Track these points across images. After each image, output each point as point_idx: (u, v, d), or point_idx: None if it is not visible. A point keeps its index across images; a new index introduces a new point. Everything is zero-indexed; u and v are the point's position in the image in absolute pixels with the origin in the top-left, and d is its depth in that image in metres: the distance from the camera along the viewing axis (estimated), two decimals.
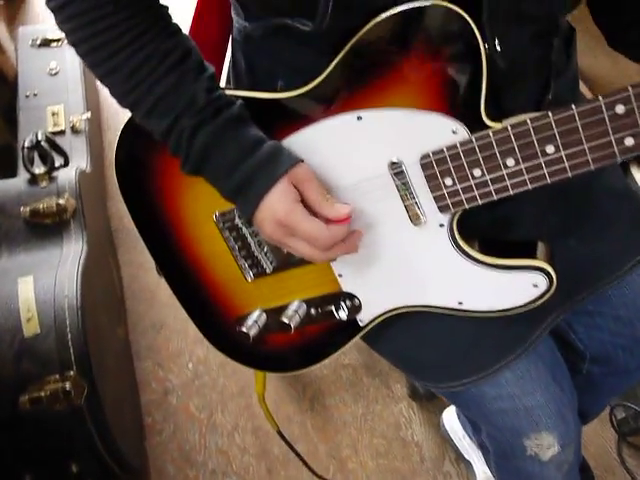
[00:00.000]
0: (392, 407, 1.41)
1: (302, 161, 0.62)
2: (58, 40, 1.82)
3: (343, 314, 0.73)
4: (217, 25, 0.86)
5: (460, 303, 0.68)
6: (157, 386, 1.45)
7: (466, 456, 1.29)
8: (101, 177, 1.73)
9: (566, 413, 0.78)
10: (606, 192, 0.80)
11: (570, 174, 0.56)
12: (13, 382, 0.99)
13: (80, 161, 1.50)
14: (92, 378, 1.02)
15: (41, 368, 1.00)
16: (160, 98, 0.62)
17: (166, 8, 0.66)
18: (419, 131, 0.59)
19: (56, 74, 1.75)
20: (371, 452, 1.35)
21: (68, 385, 0.99)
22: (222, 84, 0.74)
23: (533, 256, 0.64)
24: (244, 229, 0.72)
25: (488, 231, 0.69)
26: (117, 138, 0.73)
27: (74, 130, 1.58)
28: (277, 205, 0.61)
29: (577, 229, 0.78)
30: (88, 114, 1.62)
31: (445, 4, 0.53)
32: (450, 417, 1.32)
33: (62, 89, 1.70)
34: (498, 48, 0.59)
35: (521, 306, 0.66)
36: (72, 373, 1.01)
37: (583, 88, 0.85)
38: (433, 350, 0.76)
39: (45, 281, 1.10)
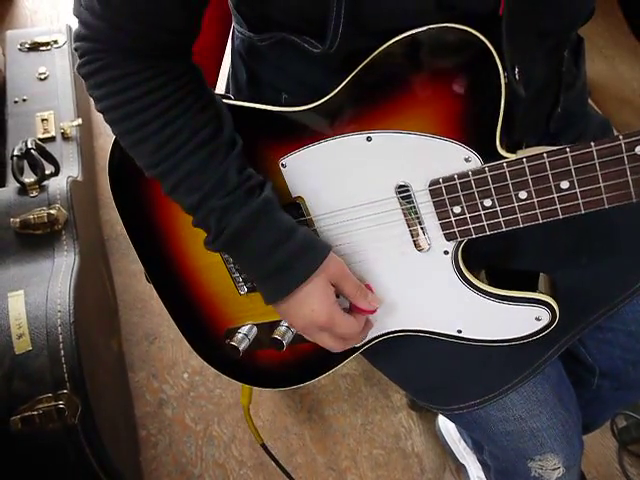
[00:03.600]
0: (391, 417, 1.39)
1: (331, 248, 0.63)
2: (47, 44, 1.79)
3: None
4: (214, 32, 0.83)
5: (459, 331, 0.67)
6: (152, 398, 1.42)
7: (461, 460, 1.27)
8: (93, 184, 1.70)
9: (572, 435, 0.77)
10: (616, 208, 0.79)
11: (583, 211, 0.55)
12: (4, 402, 0.96)
13: (71, 169, 1.47)
14: (86, 395, 1.00)
15: (33, 387, 0.97)
16: (188, 175, 0.60)
17: (201, 72, 0.64)
18: (430, 156, 0.57)
19: (45, 79, 1.71)
20: (370, 463, 1.33)
21: (62, 404, 0.97)
22: (219, 91, 0.71)
23: (535, 289, 0.63)
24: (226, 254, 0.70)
25: (492, 259, 0.67)
26: (110, 145, 0.70)
27: (65, 137, 1.55)
28: (318, 308, 0.61)
29: (588, 247, 0.77)
30: (79, 120, 1.59)
31: (464, 28, 0.51)
32: (446, 420, 1.31)
33: (52, 94, 1.66)
34: (517, 77, 0.57)
35: (522, 338, 0.65)
36: (66, 391, 0.98)
37: None
38: (438, 372, 0.75)
39: (36, 296, 1.07)
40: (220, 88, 0.87)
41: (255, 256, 0.62)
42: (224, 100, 0.64)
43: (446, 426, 1.31)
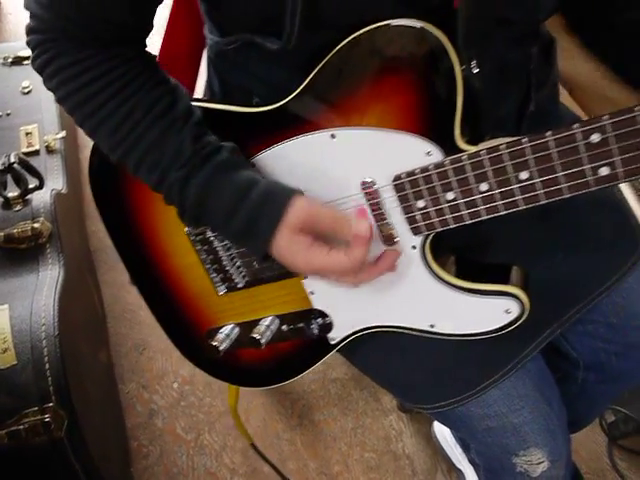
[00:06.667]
0: (382, 420, 1.39)
1: (299, 193, 0.60)
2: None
3: (314, 332, 0.72)
4: (189, 40, 0.84)
5: (432, 326, 0.67)
6: (142, 409, 1.42)
7: (457, 465, 1.27)
8: (79, 196, 1.70)
9: (555, 429, 0.77)
10: (589, 203, 0.79)
11: (544, 201, 0.55)
12: None
13: (56, 182, 1.47)
14: (72, 408, 0.99)
15: (19, 401, 0.97)
16: (146, 152, 0.61)
17: (153, 57, 0.64)
18: (393, 152, 0.58)
19: (29, 93, 1.71)
20: (362, 467, 1.33)
21: (48, 417, 0.97)
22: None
23: (507, 281, 0.63)
24: (216, 242, 0.72)
25: (464, 252, 0.68)
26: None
27: (49, 150, 1.55)
28: (292, 259, 0.60)
29: (564, 242, 0.77)
30: (63, 133, 1.59)
31: (418, 23, 0.52)
32: (442, 426, 1.31)
33: (35, 108, 1.66)
34: (475, 70, 0.57)
35: (493, 331, 0.65)
36: (51, 405, 0.98)
37: (563, 92, 0.84)
38: (417, 370, 0.75)
39: (21, 310, 1.07)
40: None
41: (222, 220, 0.61)
42: (195, 102, 0.65)
43: (442, 430, 1.31)
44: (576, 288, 0.78)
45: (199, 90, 0.87)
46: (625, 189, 1.35)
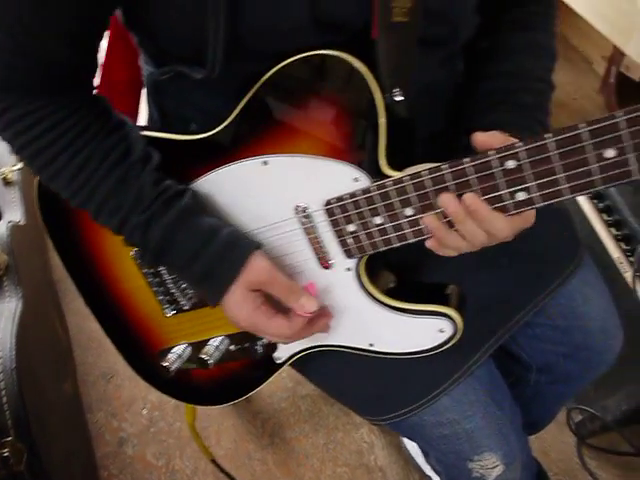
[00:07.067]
0: (353, 434, 1.40)
1: (258, 246, 0.62)
2: None
3: (260, 352, 0.73)
4: (128, 71, 0.85)
5: (371, 345, 0.68)
6: (111, 437, 1.40)
7: (427, 472, 1.28)
8: (38, 227, 1.68)
9: (507, 432, 0.78)
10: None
11: None
12: None
13: (14, 214, 1.46)
14: (32, 441, 0.98)
15: None
16: (106, 198, 0.61)
17: (105, 101, 0.65)
18: (323, 178, 0.59)
19: None
20: None
21: (6, 452, 0.95)
22: None
23: (441, 301, 0.64)
24: (160, 266, 0.72)
25: (405, 272, 0.69)
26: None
27: (6, 182, 1.54)
28: (238, 315, 0.62)
29: (507, 250, 0.79)
30: (20, 164, 1.58)
31: (338, 53, 0.54)
32: None
33: None
34: (399, 98, 0.58)
35: (428, 350, 0.66)
36: (10, 439, 0.96)
37: None
38: (368, 383, 0.76)
39: None
40: None
41: (182, 264, 0.62)
42: None
43: (411, 441, 1.32)
44: (521, 293, 0.79)
45: (142, 118, 0.88)
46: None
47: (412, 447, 1.30)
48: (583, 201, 1.32)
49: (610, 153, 0.48)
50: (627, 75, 1.80)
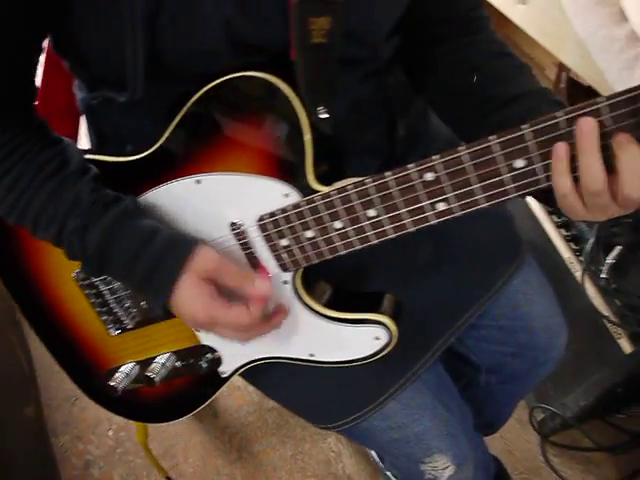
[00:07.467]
0: (320, 444, 1.40)
1: (202, 243, 0.61)
2: None
3: (205, 367, 0.74)
4: (65, 95, 0.85)
5: (312, 355, 0.70)
6: (77, 461, 1.39)
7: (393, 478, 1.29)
8: None
9: (457, 433, 0.80)
10: (470, 215, 0.83)
11: (393, 235, 0.58)
12: None
13: None
14: None
15: None
16: (41, 208, 0.61)
17: (42, 121, 0.65)
18: (255, 194, 0.60)
19: None
20: None
21: None
22: None
23: (376, 309, 0.66)
24: (102, 287, 0.73)
25: (342, 282, 0.70)
26: None
27: None
28: (193, 308, 0.59)
29: (448, 255, 0.81)
30: None
31: (261, 74, 0.55)
32: None
33: None
34: (324, 115, 0.59)
35: (366, 357, 0.68)
36: None
37: None
38: (315, 391, 0.77)
39: None
40: None
41: (123, 267, 0.61)
42: None
43: None
44: (463, 297, 0.81)
45: (83, 143, 0.88)
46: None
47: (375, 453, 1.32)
48: (534, 204, 1.36)
49: (519, 163, 0.50)
50: (577, 80, 1.86)
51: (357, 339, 0.66)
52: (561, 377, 1.31)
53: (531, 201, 1.37)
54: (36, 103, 0.67)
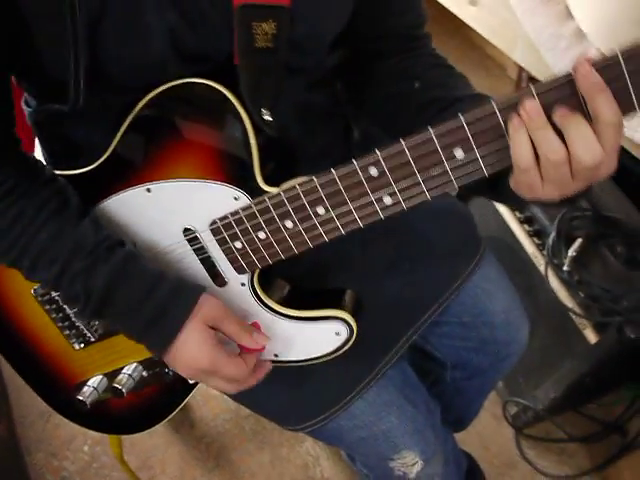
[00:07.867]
0: (297, 448, 1.41)
1: (204, 290, 0.62)
2: None
3: (171, 374, 0.74)
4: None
5: (276, 355, 0.70)
6: (53, 478, 1.37)
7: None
8: None
9: (423, 429, 0.81)
10: (431, 213, 0.84)
11: (343, 232, 0.59)
12: None
13: None
14: None
15: None
16: (42, 249, 0.60)
17: (35, 159, 0.64)
18: (205, 199, 0.61)
19: None
20: None
21: None
22: None
23: (335, 305, 0.67)
24: (61, 301, 0.72)
25: (303, 281, 0.71)
26: None
27: None
28: (198, 354, 0.60)
29: (408, 254, 0.82)
30: None
31: (201, 80, 0.56)
32: None
33: None
34: (268, 118, 0.60)
35: (330, 353, 0.68)
36: None
37: None
38: (281, 393, 0.77)
39: None
40: None
41: (127, 312, 0.61)
42: None
43: None
44: (424, 295, 0.82)
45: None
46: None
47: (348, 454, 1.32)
48: None
49: (459, 153, 0.51)
50: (539, 80, 1.89)
51: (318, 336, 0.67)
52: (531, 370, 1.33)
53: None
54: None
